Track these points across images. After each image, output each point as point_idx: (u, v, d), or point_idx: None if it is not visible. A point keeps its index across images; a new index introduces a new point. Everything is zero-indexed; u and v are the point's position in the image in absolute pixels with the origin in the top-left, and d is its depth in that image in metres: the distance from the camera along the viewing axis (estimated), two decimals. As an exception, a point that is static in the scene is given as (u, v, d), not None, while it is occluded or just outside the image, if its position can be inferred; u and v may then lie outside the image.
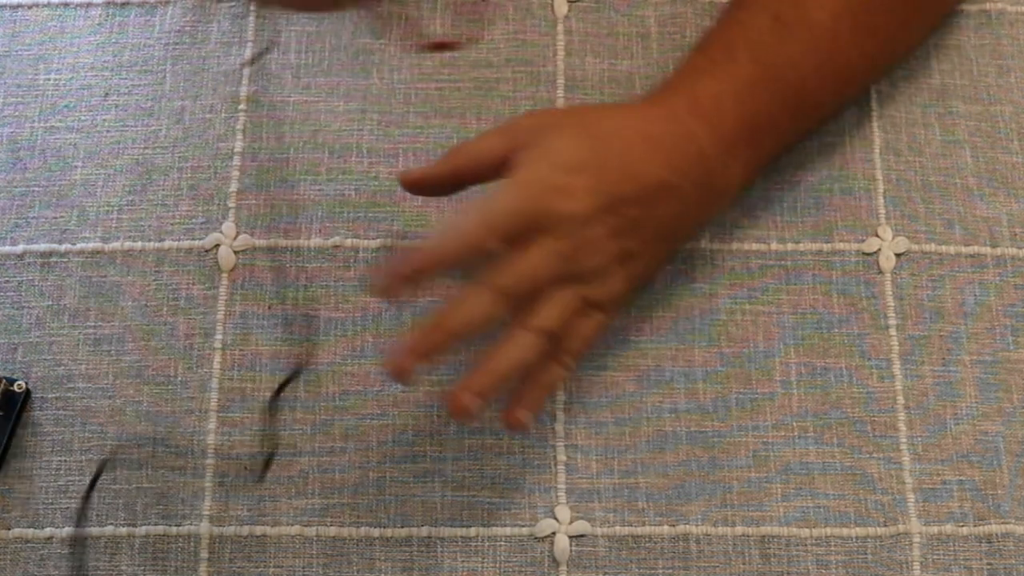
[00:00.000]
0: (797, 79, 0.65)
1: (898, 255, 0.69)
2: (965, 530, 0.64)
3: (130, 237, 0.68)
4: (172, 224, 0.69)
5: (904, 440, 0.66)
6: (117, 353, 0.66)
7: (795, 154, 0.71)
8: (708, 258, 0.69)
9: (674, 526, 0.64)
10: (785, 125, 0.67)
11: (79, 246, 0.68)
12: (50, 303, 0.67)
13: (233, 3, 0.74)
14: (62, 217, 0.69)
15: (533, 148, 0.59)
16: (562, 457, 0.65)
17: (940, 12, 0.73)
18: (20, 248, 0.68)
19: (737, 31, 0.65)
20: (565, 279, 0.59)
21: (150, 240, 0.68)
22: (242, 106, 0.71)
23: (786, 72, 0.65)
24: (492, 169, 0.60)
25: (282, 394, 0.65)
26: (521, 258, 0.58)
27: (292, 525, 0.63)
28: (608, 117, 0.64)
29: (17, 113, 0.71)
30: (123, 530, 0.63)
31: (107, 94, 0.71)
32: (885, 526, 0.64)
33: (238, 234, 0.68)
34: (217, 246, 0.68)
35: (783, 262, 0.69)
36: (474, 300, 0.57)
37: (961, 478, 0.65)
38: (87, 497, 0.62)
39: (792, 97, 0.66)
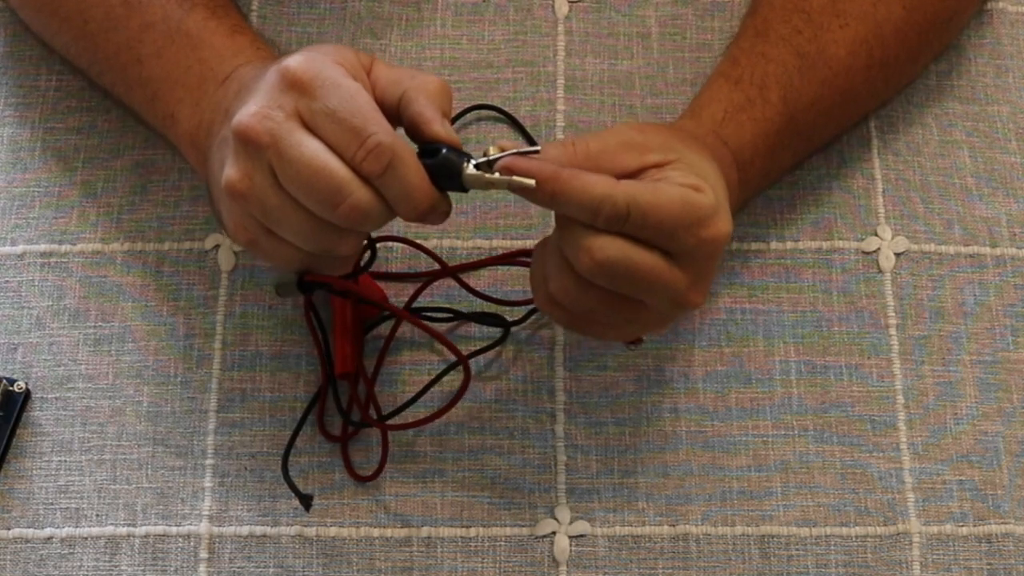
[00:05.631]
0: (812, 119, 0.65)
1: (898, 255, 0.69)
2: (965, 530, 0.64)
3: (130, 238, 0.68)
4: (172, 224, 0.69)
5: (904, 440, 0.66)
6: (117, 353, 0.66)
7: (794, 154, 0.71)
8: (708, 258, 0.69)
9: (674, 526, 0.64)
10: (787, 164, 0.68)
11: (79, 246, 0.68)
12: (50, 303, 0.67)
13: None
14: (62, 217, 0.69)
15: (686, 163, 0.54)
16: (562, 457, 0.65)
17: (944, 42, 0.73)
18: (20, 248, 0.68)
19: (767, 68, 0.64)
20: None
21: (150, 241, 0.68)
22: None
23: (807, 114, 0.65)
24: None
25: (281, 393, 0.65)
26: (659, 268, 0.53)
27: (292, 525, 0.63)
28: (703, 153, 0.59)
29: (18, 114, 0.71)
30: (123, 530, 0.63)
31: (108, 95, 0.71)
32: (885, 526, 0.64)
33: (238, 234, 0.68)
34: (217, 246, 0.68)
35: (783, 261, 0.69)
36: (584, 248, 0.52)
37: (961, 478, 0.65)
38: None
39: (805, 139, 0.67)
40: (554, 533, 0.63)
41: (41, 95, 0.72)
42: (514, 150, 0.52)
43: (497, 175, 0.52)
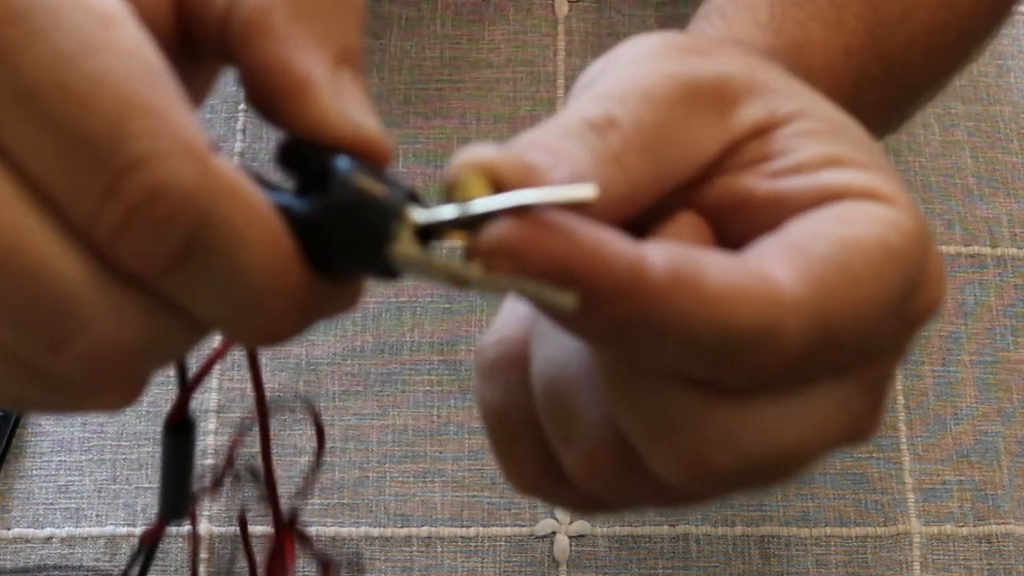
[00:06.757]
0: (903, 38, 0.45)
1: (898, 255, 0.69)
2: (965, 530, 0.64)
3: (130, 237, 0.68)
4: (172, 224, 0.68)
5: (904, 440, 0.66)
6: (117, 353, 0.66)
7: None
8: (708, 258, 0.69)
9: (674, 526, 0.64)
10: (872, 106, 0.45)
11: (79, 246, 0.68)
12: (50, 303, 0.67)
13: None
14: (62, 217, 0.69)
15: (805, 113, 0.30)
16: (562, 457, 0.65)
17: None
18: (20, 248, 0.68)
19: None
20: None
21: (150, 240, 0.68)
22: (242, 106, 0.71)
23: (897, 28, 0.45)
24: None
25: (281, 393, 0.65)
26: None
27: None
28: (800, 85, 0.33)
29: (17, 113, 0.71)
30: (123, 530, 0.63)
31: None
32: (885, 526, 0.64)
33: (238, 234, 0.68)
34: (217, 246, 0.68)
35: (783, 262, 0.69)
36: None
37: (961, 478, 0.65)
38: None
39: (895, 72, 0.46)
40: (554, 533, 0.63)
41: (41, 94, 0.71)
42: (524, 197, 0.24)
43: (477, 268, 0.24)
